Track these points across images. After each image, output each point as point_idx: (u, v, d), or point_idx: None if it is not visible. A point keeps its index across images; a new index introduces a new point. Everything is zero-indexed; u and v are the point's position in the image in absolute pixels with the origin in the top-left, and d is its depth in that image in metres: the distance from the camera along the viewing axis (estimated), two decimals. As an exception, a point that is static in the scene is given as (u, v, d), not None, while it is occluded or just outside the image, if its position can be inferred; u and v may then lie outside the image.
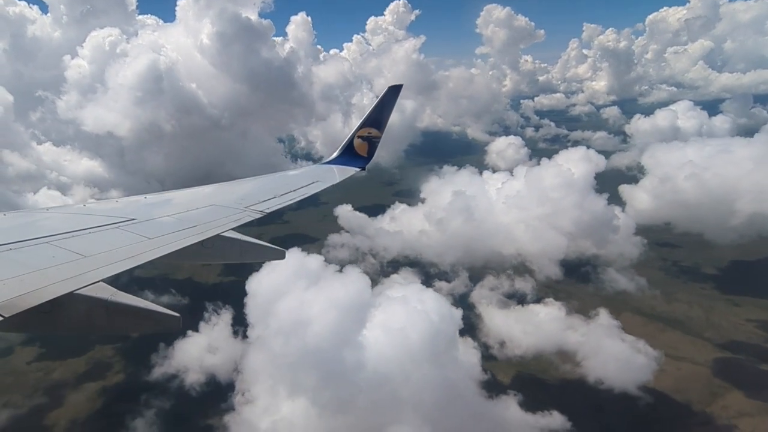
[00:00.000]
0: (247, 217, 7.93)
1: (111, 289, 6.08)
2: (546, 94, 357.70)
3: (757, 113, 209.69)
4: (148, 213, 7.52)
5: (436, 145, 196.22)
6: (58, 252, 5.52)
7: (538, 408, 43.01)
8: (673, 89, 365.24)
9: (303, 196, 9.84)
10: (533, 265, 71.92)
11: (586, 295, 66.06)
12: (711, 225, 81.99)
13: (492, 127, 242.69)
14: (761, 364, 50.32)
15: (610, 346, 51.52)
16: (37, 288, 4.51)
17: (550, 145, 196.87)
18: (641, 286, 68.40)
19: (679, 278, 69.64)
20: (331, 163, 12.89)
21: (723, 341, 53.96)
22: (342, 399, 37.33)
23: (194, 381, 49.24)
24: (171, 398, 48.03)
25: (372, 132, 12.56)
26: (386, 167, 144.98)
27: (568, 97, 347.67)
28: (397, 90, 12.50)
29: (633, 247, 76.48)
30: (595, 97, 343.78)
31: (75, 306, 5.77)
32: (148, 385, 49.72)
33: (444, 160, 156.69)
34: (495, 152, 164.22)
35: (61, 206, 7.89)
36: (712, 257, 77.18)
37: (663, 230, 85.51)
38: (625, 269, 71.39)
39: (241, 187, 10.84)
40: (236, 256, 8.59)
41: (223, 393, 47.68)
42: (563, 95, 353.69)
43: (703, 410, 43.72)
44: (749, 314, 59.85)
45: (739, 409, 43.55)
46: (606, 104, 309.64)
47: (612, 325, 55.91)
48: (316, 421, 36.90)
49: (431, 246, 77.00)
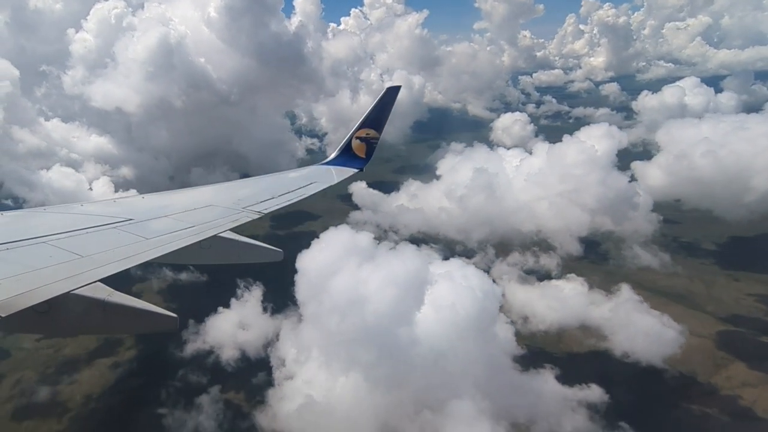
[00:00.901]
0: (245, 218, 7.90)
1: (108, 289, 6.08)
2: (544, 71, 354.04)
3: (758, 90, 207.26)
4: (146, 213, 7.47)
5: (438, 122, 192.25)
6: (56, 252, 5.48)
7: (570, 381, 43.97)
8: (670, 66, 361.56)
9: (301, 197, 9.88)
10: (554, 241, 72.28)
11: (603, 271, 66.41)
12: (722, 201, 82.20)
13: (493, 103, 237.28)
14: (762, 336, 51.22)
15: (633, 321, 52.43)
16: (33, 288, 4.48)
17: (552, 122, 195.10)
18: (665, 262, 68.76)
19: (682, 253, 70.45)
20: (329, 164, 12.88)
21: (725, 315, 54.78)
22: (395, 375, 37.59)
23: (230, 356, 49.24)
24: (207, 374, 47.83)
25: (370, 133, 12.54)
26: (393, 144, 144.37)
27: (567, 74, 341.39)
28: (395, 91, 12.46)
29: (648, 224, 78.04)
30: (593, 74, 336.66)
31: (72, 306, 5.81)
32: (184, 361, 49.79)
33: (448, 137, 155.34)
34: (500, 129, 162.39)
35: (59, 206, 7.81)
36: (715, 233, 77.41)
37: (673, 207, 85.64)
38: (644, 245, 72.45)
39: (239, 187, 10.84)
40: (234, 256, 8.70)
41: (260, 369, 47.73)
42: (562, 71, 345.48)
43: (708, 381, 44.64)
44: (749, 289, 60.77)
45: (743, 379, 44.53)
46: (604, 80, 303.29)
47: (633, 299, 56.77)
48: (367, 397, 37.53)
49: (451, 223, 77.63)
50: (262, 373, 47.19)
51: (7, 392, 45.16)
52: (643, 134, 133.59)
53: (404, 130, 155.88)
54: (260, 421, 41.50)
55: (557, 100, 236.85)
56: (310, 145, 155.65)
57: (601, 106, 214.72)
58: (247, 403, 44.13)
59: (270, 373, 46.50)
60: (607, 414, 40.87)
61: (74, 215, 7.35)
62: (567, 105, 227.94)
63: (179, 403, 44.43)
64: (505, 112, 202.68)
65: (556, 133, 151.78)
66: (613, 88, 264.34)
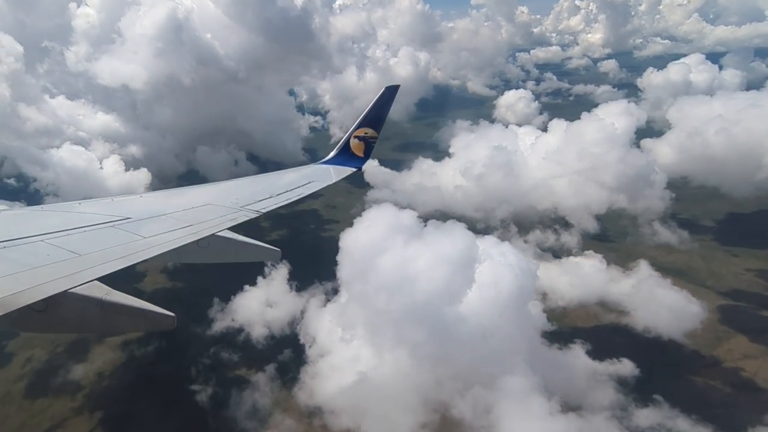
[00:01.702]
0: (243, 217, 7.91)
1: (105, 288, 6.07)
2: (542, 47, 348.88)
3: (757, 67, 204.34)
4: (144, 212, 7.43)
5: (440, 100, 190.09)
6: (53, 250, 5.47)
7: (600, 356, 44.52)
8: (667, 42, 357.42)
9: (299, 196, 9.90)
10: (571, 219, 72.51)
11: (608, 248, 66.86)
12: (730, 179, 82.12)
13: (493, 80, 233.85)
14: (762, 310, 52.08)
15: (651, 296, 52.51)
16: (31, 286, 4.49)
17: (553, 99, 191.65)
18: (669, 239, 69.24)
19: (685, 230, 70.27)
20: (328, 163, 12.88)
21: (725, 290, 55.48)
22: (443, 352, 37.88)
23: (259, 334, 49.35)
24: (237, 351, 47.99)
25: (368, 132, 12.60)
26: (398, 121, 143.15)
27: (564, 50, 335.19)
28: (394, 90, 12.40)
29: (660, 202, 77.89)
30: (591, 50, 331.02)
31: (69, 305, 5.81)
32: (214, 338, 49.72)
33: (450, 114, 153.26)
34: (504, 106, 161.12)
35: (56, 204, 7.81)
36: (716, 209, 78.22)
37: (680, 184, 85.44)
38: (650, 223, 72.92)
39: (237, 186, 10.78)
40: (232, 255, 8.66)
41: (289, 346, 47.89)
42: (559, 48, 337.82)
43: (710, 354, 45.62)
44: (748, 264, 61.62)
45: (744, 352, 45.50)
46: (602, 57, 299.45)
47: (652, 275, 57.42)
48: (415, 373, 37.78)
49: (467, 201, 77.68)
50: (290, 350, 47.36)
51: (18, 371, 45.10)
52: (649, 111, 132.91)
53: (409, 108, 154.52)
54: (296, 398, 41.67)
55: (557, 77, 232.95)
56: (314, 123, 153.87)
57: (601, 84, 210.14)
58: (279, 381, 44.22)
59: (299, 350, 46.70)
60: (637, 387, 41.41)
61: (71, 214, 7.31)
62: (567, 82, 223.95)
63: (201, 380, 44.65)
64: (504, 89, 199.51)
65: (557, 111, 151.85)
66: (611, 65, 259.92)
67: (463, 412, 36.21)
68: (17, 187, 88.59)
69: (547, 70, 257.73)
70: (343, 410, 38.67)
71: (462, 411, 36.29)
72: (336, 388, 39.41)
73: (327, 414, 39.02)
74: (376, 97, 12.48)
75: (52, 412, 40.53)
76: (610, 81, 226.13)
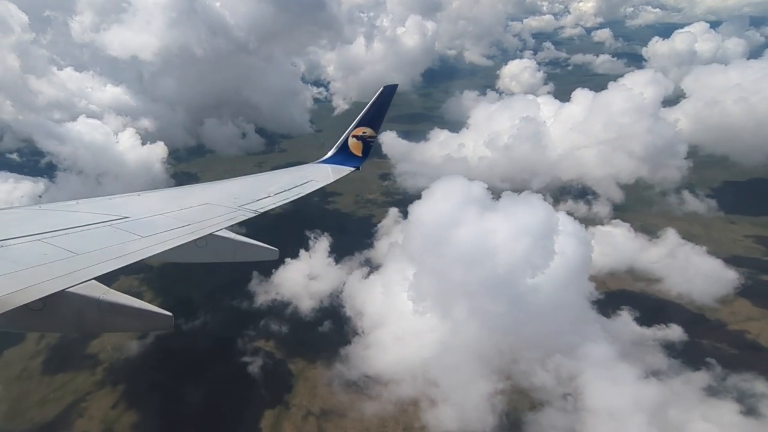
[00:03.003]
0: (241, 216, 7.90)
1: (103, 287, 6.03)
2: (534, 16, 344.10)
3: (752, 36, 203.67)
4: (141, 211, 7.40)
5: (443, 71, 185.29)
6: (50, 249, 5.49)
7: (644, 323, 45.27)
8: (658, 11, 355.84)
9: (297, 195, 9.81)
10: (598, 188, 72.78)
11: (648, 216, 67.78)
12: (741, 147, 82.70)
13: (490, 50, 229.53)
14: (762, 275, 53.39)
15: (681, 264, 53.54)
16: (28, 285, 4.48)
17: (551, 69, 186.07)
18: (712, 207, 70.03)
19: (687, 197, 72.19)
20: (326, 163, 12.77)
21: (725, 256, 55.89)
22: (519, 321, 38.41)
23: (308, 307, 48.97)
24: (285, 323, 47.67)
25: (367, 132, 12.50)
26: (405, 92, 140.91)
27: (557, 19, 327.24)
28: (392, 89, 12.32)
29: (677, 171, 77.01)
30: (583, 19, 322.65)
31: (66, 304, 5.79)
32: (260, 312, 49.26)
33: (454, 85, 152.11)
34: (508, 76, 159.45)
35: (54, 203, 7.72)
36: (715, 178, 78.68)
37: (690, 152, 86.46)
38: (681, 192, 73.46)
39: (235, 185, 10.69)
40: (229, 255, 8.60)
41: (334, 318, 47.82)
42: (552, 17, 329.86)
43: (715, 317, 46.99)
44: (746, 231, 63.42)
45: (747, 314, 46.97)
46: (594, 27, 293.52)
47: (681, 243, 58.14)
48: (490, 343, 37.90)
49: (493, 172, 76.57)
50: (334, 321, 47.34)
51: (33, 347, 44.52)
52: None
53: (415, 78, 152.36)
54: (350, 369, 41.38)
55: (555, 47, 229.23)
56: (317, 95, 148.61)
57: (594, 53, 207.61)
58: (328, 353, 43.99)
59: (343, 322, 46.81)
60: (685, 353, 42.08)
61: (69, 213, 7.25)
62: (565, 52, 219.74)
63: (250, 353, 44.49)
64: (502, 59, 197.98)
65: (559, 81, 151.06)
66: (605, 34, 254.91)
67: (544, 381, 36.45)
68: (20, 162, 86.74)
69: (542, 39, 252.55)
70: (406, 380, 38.66)
71: (543, 380, 36.53)
72: (399, 358, 39.32)
73: (389, 384, 38.95)
74: (374, 97, 12.33)
75: (74, 386, 40.32)
76: (607, 50, 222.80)
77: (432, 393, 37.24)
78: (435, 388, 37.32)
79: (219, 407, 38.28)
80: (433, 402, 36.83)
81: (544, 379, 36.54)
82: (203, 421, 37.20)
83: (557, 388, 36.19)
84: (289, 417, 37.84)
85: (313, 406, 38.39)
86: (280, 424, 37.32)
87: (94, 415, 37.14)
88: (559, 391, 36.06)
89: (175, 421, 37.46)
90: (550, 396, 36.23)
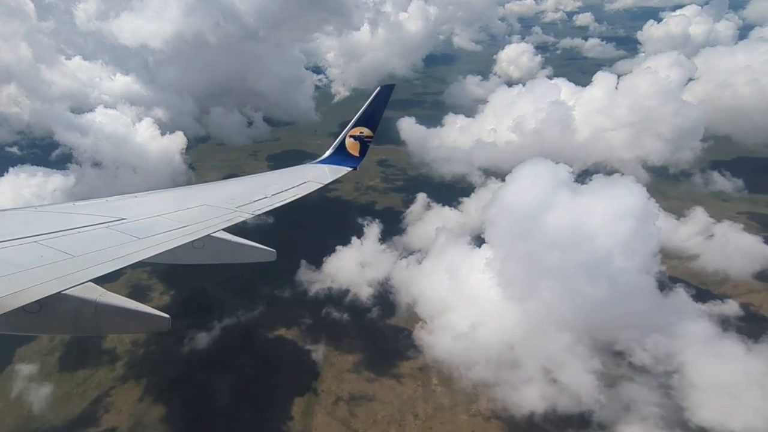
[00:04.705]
0: (238, 218, 7.88)
1: (100, 289, 6.01)
2: (516, 1, 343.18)
3: (732, 19, 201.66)
4: (138, 212, 7.37)
5: (440, 56, 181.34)
6: (47, 251, 5.45)
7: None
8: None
9: (294, 196, 9.75)
10: (624, 170, 71.55)
11: (675, 196, 68.29)
12: (743, 128, 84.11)
13: (479, 35, 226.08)
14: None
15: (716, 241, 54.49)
16: (24, 288, 4.46)
17: (542, 54, 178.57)
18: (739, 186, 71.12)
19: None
20: (323, 163, 12.71)
21: (762, 233, 56.76)
22: (611, 303, 37.89)
23: (361, 293, 48.53)
24: (343, 310, 47.20)
25: (364, 132, 12.44)
26: (408, 77, 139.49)
27: (538, 3, 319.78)
28: (389, 90, 12.31)
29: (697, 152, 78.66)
30: (563, 3, 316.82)
31: (63, 306, 5.79)
32: (318, 299, 48.55)
33: (451, 70, 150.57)
34: (505, 61, 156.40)
35: (50, 205, 7.69)
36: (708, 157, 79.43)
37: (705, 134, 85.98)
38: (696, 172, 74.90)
39: (232, 186, 10.70)
40: (227, 256, 8.59)
41: (385, 304, 47.69)
42: (533, 1, 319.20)
43: (719, 291, 47.71)
44: (738, 207, 64.61)
45: (748, 287, 48.23)
46: (575, 11, 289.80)
47: (709, 222, 58.07)
48: (583, 324, 37.30)
49: (515, 157, 70.63)
50: (381, 307, 47.36)
51: (47, 344, 43.63)
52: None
53: (416, 63, 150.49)
54: (420, 354, 41.22)
55: (543, 31, 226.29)
56: (316, 82, 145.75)
57: (580, 37, 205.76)
58: (391, 340, 43.73)
59: (392, 306, 46.86)
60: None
61: (66, 214, 7.17)
62: (553, 36, 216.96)
63: (309, 340, 43.85)
64: (490, 44, 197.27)
65: (551, 65, 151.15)
66: (587, 18, 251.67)
67: (643, 360, 36.40)
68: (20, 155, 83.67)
69: (527, 24, 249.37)
70: (481, 364, 38.48)
71: (642, 358, 36.47)
72: (476, 342, 39.03)
73: (467, 368, 38.69)
74: (371, 97, 12.23)
75: (96, 382, 39.89)
76: (592, 34, 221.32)
77: (514, 376, 37.02)
78: (517, 371, 36.99)
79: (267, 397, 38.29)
80: (513, 386, 36.64)
81: (643, 357, 36.41)
82: (236, 412, 37.07)
83: (657, 366, 36.03)
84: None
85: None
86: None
87: (121, 409, 36.91)
88: (660, 369, 35.93)
89: (206, 411, 37.33)
90: (652, 374, 36.19)
